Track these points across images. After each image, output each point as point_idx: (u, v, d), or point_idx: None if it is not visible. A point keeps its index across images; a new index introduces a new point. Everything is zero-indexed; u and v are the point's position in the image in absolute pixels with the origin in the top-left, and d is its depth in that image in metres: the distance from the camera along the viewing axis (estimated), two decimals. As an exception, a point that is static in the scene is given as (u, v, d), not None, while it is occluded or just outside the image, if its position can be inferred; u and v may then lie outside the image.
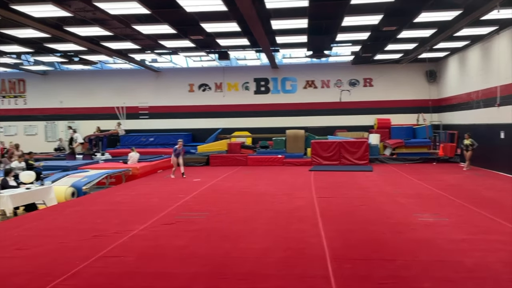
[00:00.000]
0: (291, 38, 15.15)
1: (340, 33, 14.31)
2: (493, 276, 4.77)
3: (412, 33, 14.58)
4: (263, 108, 22.40)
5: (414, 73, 21.58)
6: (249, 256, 5.74)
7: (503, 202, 9.27)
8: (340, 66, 21.85)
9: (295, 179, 13.79)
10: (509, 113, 14.05)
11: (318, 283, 4.72)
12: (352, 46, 17.22)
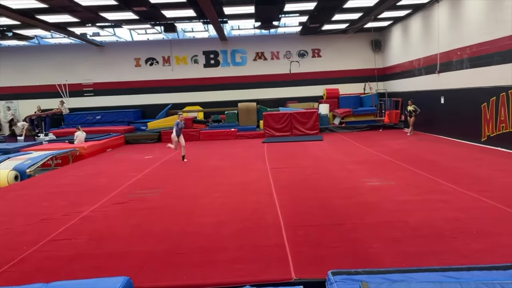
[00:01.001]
0: (239, 8, 14.89)
1: (287, 3, 14.23)
2: (436, 233, 5.08)
3: (357, 3, 14.77)
4: (214, 81, 22.10)
5: (360, 42, 22.03)
6: (204, 230, 5.74)
7: (444, 163, 9.86)
8: (289, 37, 21.86)
9: (249, 152, 13.86)
10: (448, 79, 14.79)
11: (273, 251, 4.82)
12: (300, 16, 17.21)
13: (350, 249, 4.74)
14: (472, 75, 13.13)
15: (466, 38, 13.34)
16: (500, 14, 11.47)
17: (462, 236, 4.92)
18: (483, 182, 7.70)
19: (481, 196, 6.62)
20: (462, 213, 5.80)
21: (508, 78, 11.21)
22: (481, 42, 12.43)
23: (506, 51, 11.26)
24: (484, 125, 12.51)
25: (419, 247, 4.67)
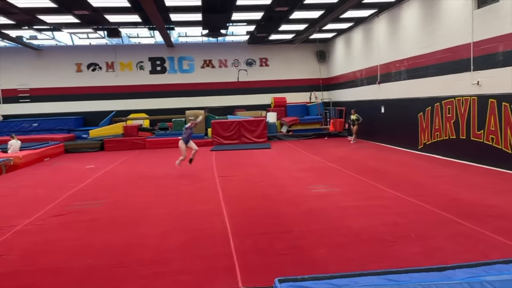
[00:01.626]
0: (186, 16, 14.78)
1: (235, 11, 14.32)
2: (377, 238, 5.27)
3: (302, 14, 15.18)
4: (160, 88, 21.70)
5: (306, 53, 22.63)
6: (149, 241, 5.56)
7: (385, 170, 10.31)
8: (237, 45, 22.00)
9: (197, 160, 13.63)
10: (388, 89, 15.54)
11: (221, 260, 4.76)
12: (247, 25, 17.39)
13: (297, 256, 4.80)
14: (409, 86, 13.89)
15: (403, 51, 14.12)
16: (434, 29, 12.26)
17: (401, 240, 5.14)
18: (420, 187, 8.12)
19: (419, 201, 6.97)
20: (402, 218, 6.07)
21: (442, 89, 11.97)
22: (418, 55, 13.21)
23: (440, 64, 12.04)
24: (421, 134, 13.26)
25: (362, 251, 4.82)
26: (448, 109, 11.73)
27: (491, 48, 9.90)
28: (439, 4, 11.91)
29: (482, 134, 10.34)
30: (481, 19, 10.22)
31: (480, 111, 10.38)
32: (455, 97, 11.35)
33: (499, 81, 9.70)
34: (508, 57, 9.37)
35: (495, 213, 6.11)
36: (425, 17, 12.70)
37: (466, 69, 10.83)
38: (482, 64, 10.26)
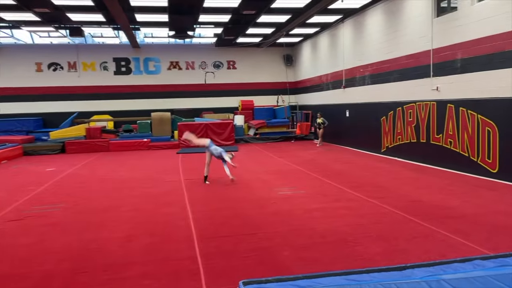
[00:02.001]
0: (152, 16, 14.58)
1: (202, 14, 14.25)
2: (341, 239, 5.36)
3: (270, 18, 15.30)
4: (125, 89, 21.27)
5: (273, 57, 22.81)
6: (112, 245, 5.42)
7: (349, 172, 10.52)
8: (204, 48, 21.89)
9: (162, 163, 13.50)
10: (352, 94, 15.89)
11: (185, 264, 4.70)
12: (215, 28, 17.34)
13: (263, 258, 4.80)
14: (373, 91, 14.25)
15: (368, 56, 14.48)
16: (397, 35, 12.64)
17: (363, 240, 5.25)
18: (382, 189, 8.33)
19: (381, 203, 7.15)
20: (364, 219, 6.20)
21: (403, 94, 12.36)
22: (381, 60, 13.58)
23: (402, 70, 12.43)
24: (384, 137, 13.62)
25: (325, 252, 4.88)
26: (409, 114, 12.12)
27: (449, 55, 10.31)
28: (401, 12, 12.31)
29: (441, 138, 10.74)
30: (440, 27, 10.64)
31: (439, 116, 10.78)
32: (416, 102, 11.74)
33: (456, 87, 10.11)
34: (465, 64, 9.79)
35: (453, 214, 6.35)
36: (388, 23, 13.08)
37: (426, 75, 11.23)
38: (441, 71, 10.67)
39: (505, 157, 8.68)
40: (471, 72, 9.58)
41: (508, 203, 6.96)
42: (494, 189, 8.10)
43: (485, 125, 9.17)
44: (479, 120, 9.35)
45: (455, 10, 10.13)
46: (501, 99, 8.71)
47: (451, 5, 10.47)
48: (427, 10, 11.09)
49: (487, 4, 9.09)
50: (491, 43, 8.92)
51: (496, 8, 8.78)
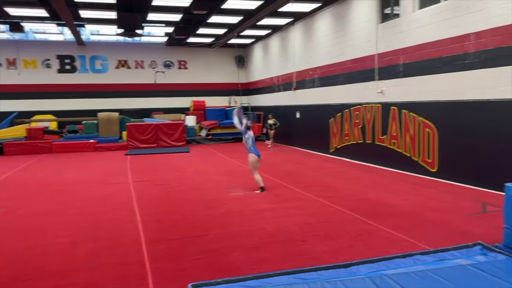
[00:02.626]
0: (98, 13, 14.07)
1: (151, 12, 13.96)
2: (290, 238, 5.45)
3: (221, 19, 15.28)
4: (70, 88, 20.37)
5: (225, 57, 22.78)
6: (55, 251, 5.16)
7: (299, 173, 10.72)
8: (154, 47, 21.45)
9: (109, 165, 13.06)
10: (302, 95, 16.21)
11: (132, 269, 4.57)
12: (165, 27, 17.04)
13: (212, 260, 4.77)
14: (322, 93, 14.62)
15: (317, 59, 14.84)
16: (344, 40, 13.05)
17: (312, 239, 5.36)
18: (330, 189, 8.57)
19: (329, 202, 7.35)
20: (313, 218, 6.35)
21: (351, 97, 12.78)
22: (329, 64, 13.96)
23: (349, 73, 12.85)
24: (332, 138, 14.02)
25: (275, 252, 4.94)
26: (356, 115, 12.56)
27: (393, 59, 10.80)
28: (348, 17, 12.73)
29: (385, 139, 11.22)
30: (384, 32, 11.11)
31: (383, 118, 11.26)
32: (362, 104, 12.18)
33: (399, 90, 10.61)
34: (407, 68, 10.29)
35: (396, 212, 6.65)
36: (336, 28, 13.48)
37: (371, 78, 11.69)
38: (385, 74, 11.15)
39: (443, 157, 9.22)
40: (413, 76, 10.09)
41: (445, 200, 7.40)
42: (433, 187, 8.57)
43: (425, 126, 9.68)
44: (420, 122, 9.86)
45: (398, 17, 10.63)
46: (440, 102, 9.24)
47: (394, 12, 10.97)
48: (372, 16, 11.55)
49: (426, 12, 9.61)
50: (431, 49, 9.44)
51: (435, 16, 9.31)
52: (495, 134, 7.90)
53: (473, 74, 8.34)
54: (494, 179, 7.67)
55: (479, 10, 8.14)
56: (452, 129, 8.94)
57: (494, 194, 7.53)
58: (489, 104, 8.01)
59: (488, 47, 7.99)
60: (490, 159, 8.02)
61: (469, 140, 8.49)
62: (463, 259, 4.30)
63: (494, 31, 7.84)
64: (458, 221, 6.07)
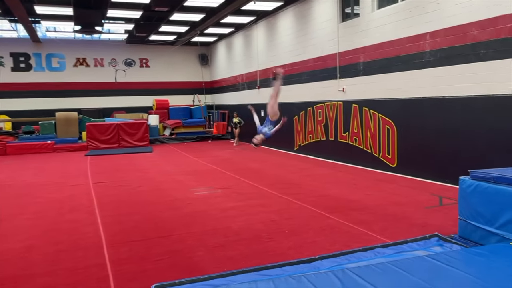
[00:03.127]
0: (54, 9, 13.56)
1: (111, 8, 13.59)
2: (255, 235, 5.46)
3: (183, 16, 15.09)
4: (25, 87, 19.53)
5: (188, 55, 22.54)
6: (10, 257, 4.93)
7: (264, 171, 10.78)
8: (114, 44, 20.91)
9: (68, 166, 12.63)
10: (266, 94, 16.26)
11: (93, 272, 4.43)
12: (125, 24, 16.66)
13: (176, 260, 4.71)
14: (285, 91, 14.68)
15: (280, 58, 14.95)
16: (307, 38, 13.22)
17: (276, 236, 5.40)
18: (295, 186, 8.67)
19: (293, 199, 7.42)
20: (277, 215, 6.39)
21: (313, 95, 12.96)
22: (292, 62, 14.10)
23: (312, 71, 13.02)
24: (296, 136, 14.18)
25: (240, 250, 4.93)
26: (319, 113, 12.75)
27: (353, 58, 11.04)
28: (311, 16, 12.90)
29: (347, 136, 11.46)
30: (345, 31, 11.34)
31: (345, 115, 11.50)
32: (325, 102, 12.39)
33: (360, 89, 10.86)
34: (367, 67, 10.55)
35: (357, 207, 6.80)
36: (298, 26, 13.62)
37: (333, 76, 11.90)
38: (346, 73, 11.38)
39: (402, 153, 9.53)
40: (373, 74, 10.36)
41: (404, 195, 7.65)
42: (393, 182, 8.84)
43: (385, 123, 9.97)
44: (379, 119, 10.14)
45: (358, 16, 10.88)
46: (398, 100, 9.54)
47: (354, 11, 11.21)
48: (333, 15, 11.76)
49: (385, 12, 9.89)
50: (389, 48, 9.73)
51: (393, 16, 9.59)
52: (451, 130, 8.25)
53: (429, 72, 8.66)
54: (450, 173, 8.01)
55: (434, 10, 8.46)
56: (410, 126, 9.25)
57: (450, 188, 7.86)
58: (445, 101, 8.35)
59: (442, 46, 8.31)
60: (446, 154, 8.36)
61: (426, 136, 8.82)
62: (421, 251, 4.46)
63: (447, 31, 8.17)
64: (417, 214, 6.29)
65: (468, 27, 7.71)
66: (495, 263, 3.53)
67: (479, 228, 4.60)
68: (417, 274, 3.31)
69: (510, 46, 7.00)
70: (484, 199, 4.53)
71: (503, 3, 7.06)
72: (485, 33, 7.41)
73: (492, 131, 7.37)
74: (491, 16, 7.27)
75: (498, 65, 7.22)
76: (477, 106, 7.64)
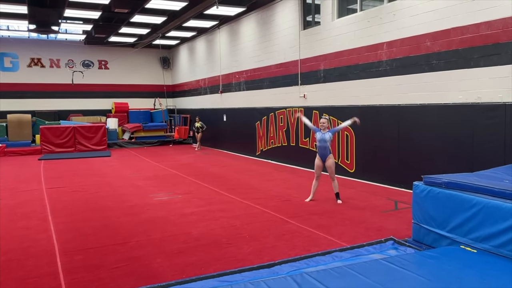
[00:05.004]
0: (7, 6, 12.95)
1: (68, 8, 13.15)
2: (215, 241, 5.41)
3: (144, 18, 14.85)
4: (-26, 88, 18.50)
5: (149, 58, 22.17)
6: (-49, 269, 4.62)
7: (225, 176, 10.73)
8: (72, 45, 20.26)
9: (20, 171, 12.05)
10: (229, 99, 16.28)
11: (44, 282, 4.24)
12: (84, 24, 16.17)
13: (133, 267, 4.58)
14: (248, 97, 14.80)
15: (242, 63, 15.00)
16: (269, 45, 13.34)
17: (236, 241, 5.38)
18: (255, 191, 8.69)
19: (254, 204, 7.44)
20: (238, 220, 6.38)
21: (275, 101, 13.08)
22: (254, 68, 14.18)
23: (274, 77, 13.15)
24: (258, 141, 14.25)
25: (200, 256, 4.87)
26: (280, 119, 12.88)
27: (314, 65, 11.25)
28: (273, 23, 13.04)
29: (308, 142, 11.64)
30: (306, 39, 11.54)
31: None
32: (286, 108, 12.54)
33: (320, 95, 11.08)
34: (327, 74, 10.78)
35: (317, 211, 6.91)
36: (261, 33, 13.74)
37: (295, 83, 12.08)
38: (307, 80, 11.58)
39: (360, 159, 9.79)
40: (332, 81, 10.60)
41: (362, 199, 7.84)
42: (351, 187, 9.05)
43: (344, 130, 10.19)
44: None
45: (319, 25, 11.11)
46: (356, 107, 9.80)
47: (316, 20, 11.44)
48: (295, 23, 11.95)
49: (344, 21, 10.16)
50: (349, 56, 10.00)
51: (352, 25, 9.87)
52: (405, 137, 8.56)
53: (386, 81, 8.97)
54: (405, 178, 8.31)
55: (390, 21, 8.78)
56: (367, 133, 9.52)
57: (405, 192, 8.14)
58: (400, 109, 8.67)
59: (398, 56, 8.64)
60: (401, 159, 8.67)
61: (383, 142, 9.11)
62: (377, 254, 4.59)
63: (403, 41, 8.50)
64: (373, 218, 6.46)
65: (422, 38, 8.07)
66: (445, 265, 3.69)
67: (432, 232, 4.79)
68: (373, 277, 3.40)
69: (460, 57, 7.39)
70: (436, 204, 4.72)
71: (454, 17, 7.44)
72: (437, 44, 7.77)
73: (443, 138, 7.71)
74: (443, 28, 7.63)
75: (449, 75, 7.59)
76: (430, 114, 7.98)
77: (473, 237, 4.28)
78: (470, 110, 7.22)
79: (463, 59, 7.33)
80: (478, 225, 4.23)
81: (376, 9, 9.19)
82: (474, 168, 6.45)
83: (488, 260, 3.86)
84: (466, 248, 4.18)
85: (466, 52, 7.27)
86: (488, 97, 6.94)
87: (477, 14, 7.05)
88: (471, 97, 7.23)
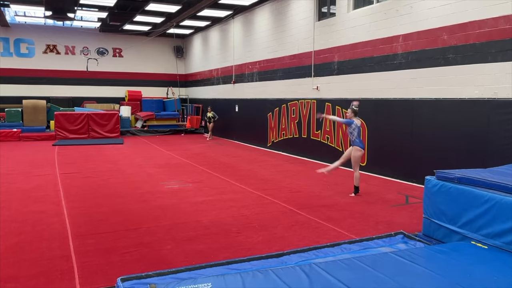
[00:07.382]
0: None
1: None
2: (224, 230, 5.46)
3: (159, 7, 14.85)
4: (-9, 73, 18.77)
5: (163, 47, 22.22)
6: (-33, 249, 4.75)
7: (236, 166, 10.77)
8: (87, 32, 20.39)
9: (35, 156, 12.26)
10: (241, 89, 16.27)
11: (57, 264, 4.33)
12: (99, 12, 16.24)
13: (144, 253, 4.65)
14: (260, 88, 14.77)
15: (256, 53, 14.94)
16: (283, 35, 13.26)
17: (246, 231, 5.42)
18: (266, 182, 8.71)
19: (264, 194, 7.46)
20: (248, 210, 6.42)
21: (288, 92, 13.03)
22: (268, 58, 14.12)
23: (287, 68, 13.09)
24: (270, 132, 14.24)
25: (209, 244, 4.92)
26: (292, 110, 12.84)
27: (328, 57, 11.16)
28: (287, 13, 12.94)
29: (319, 134, 11.60)
30: (321, 30, 11.44)
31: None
32: (299, 99, 12.49)
33: (333, 87, 11.00)
34: (341, 66, 10.69)
35: (326, 203, 6.91)
36: (275, 23, 13.65)
37: (308, 74, 12.00)
38: (321, 71, 11.50)
39: (372, 152, 9.72)
40: (346, 74, 10.51)
41: (372, 193, 7.81)
42: (362, 180, 8.92)
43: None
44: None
45: (334, 16, 10.99)
46: (370, 100, 9.72)
47: (331, 11, 11.32)
48: (310, 14, 11.84)
49: (360, 13, 10.04)
50: (363, 49, 9.89)
51: (368, 17, 9.75)
52: (419, 131, 8.47)
53: (401, 74, 8.86)
54: (416, 173, 8.24)
55: (407, 13, 8.65)
56: (380, 126, 9.45)
57: (416, 187, 8.09)
58: (414, 103, 8.57)
59: (414, 49, 8.52)
60: (414, 154, 8.59)
61: (395, 136, 9.03)
62: (386, 247, 4.58)
63: (419, 34, 8.38)
64: (383, 212, 6.44)
65: (439, 31, 7.93)
66: (454, 261, 3.67)
67: (442, 227, 4.76)
68: (381, 270, 3.40)
69: (477, 52, 7.26)
70: (447, 199, 4.68)
71: (472, 10, 7.30)
72: (454, 38, 7.64)
73: (457, 133, 7.62)
74: (461, 22, 7.50)
75: (466, 69, 7.46)
76: (444, 109, 7.88)
77: (484, 233, 4.24)
78: (486, 106, 7.11)
79: (480, 54, 7.20)
80: (489, 221, 4.18)
81: (393, 1, 9.05)
82: (488, 165, 6.36)
83: (499, 256, 3.82)
84: (477, 244, 4.15)
85: (483, 46, 7.14)
86: (505, 93, 6.82)
87: (495, 8, 6.90)
88: (487, 93, 7.11)
